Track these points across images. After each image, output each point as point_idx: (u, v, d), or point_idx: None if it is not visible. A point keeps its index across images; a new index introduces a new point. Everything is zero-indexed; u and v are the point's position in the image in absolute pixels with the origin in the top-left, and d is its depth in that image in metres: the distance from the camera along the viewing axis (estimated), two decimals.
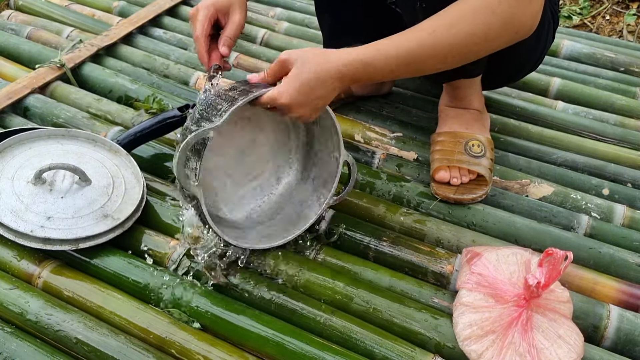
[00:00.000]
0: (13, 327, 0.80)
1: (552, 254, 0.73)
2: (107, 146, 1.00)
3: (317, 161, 0.96)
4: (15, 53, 1.33)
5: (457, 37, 0.78)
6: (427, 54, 0.79)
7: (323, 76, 0.78)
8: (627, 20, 1.98)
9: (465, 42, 0.78)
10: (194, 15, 0.91)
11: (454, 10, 0.78)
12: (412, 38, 0.79)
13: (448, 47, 0.78)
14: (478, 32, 0.78)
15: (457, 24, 0.78)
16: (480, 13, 0.77)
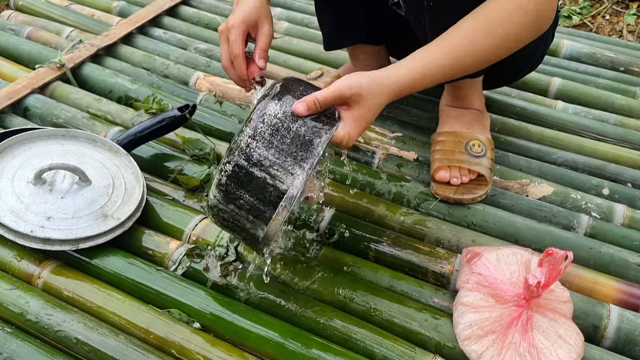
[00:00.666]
0: (13, 327, 0.80)
1: (552, 254, 0.72)
2: (107, 146, 1.00)
3: None
4: (15, 53, 1.33)
5: (495, 43, 0.78)
6: (467, 64, 0.79)
7: (380, 107, 0.78)
8: (627, 20, 1.98)
9: (501, 46, 0.79)
10: (225, 33, 0.90)
11: (487, 16, 0.78)
12: (452, 51, 0.79)
13: (485, 54, 0.79)
14: (513, 34, 0.78)
15: (492, 30, 0.78)
16: (514, 15, 0.77)
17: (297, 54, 1.44)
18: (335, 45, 1.14)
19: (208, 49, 1.42)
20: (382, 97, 0.77)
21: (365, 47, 1.15)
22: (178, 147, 1.10)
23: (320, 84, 1.18)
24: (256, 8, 0.91)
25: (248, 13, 0.90)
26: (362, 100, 0.75)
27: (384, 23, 1.11)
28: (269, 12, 0.93)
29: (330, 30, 1.12)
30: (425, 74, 0.78)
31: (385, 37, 1.15)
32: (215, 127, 1.15)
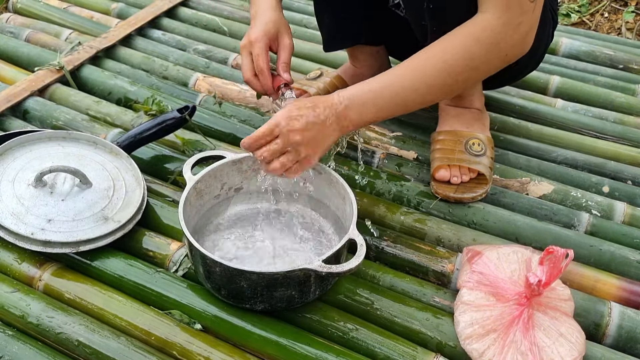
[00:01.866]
0: (14, 330, 0.80)
1: (553, 252, 0.72)
2: (108, 148, 0.99)
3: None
4: (14, 56, 1.33)
5: (443, 72, 0.80)
6: (418, 88, 0.82)
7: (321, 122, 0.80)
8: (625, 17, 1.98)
9: (451, 74, 0.80)
10: (248, 47, 0.92)
11: (440, 45, 0.81)
12: (398, 79, 0.82)
13: (435, 82, 0.81)
14: (461, 62, 0.80)
15: (441, 60, 0.80)
16: (462, 44, 0.79)
17: (296, 54, 1.43)
18: (335, 47, 1.14)
19: (207, 50, 1.42)
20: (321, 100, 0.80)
21: (365, 47, 1.15)
22: (178, 148, 1.10)
23: (320, 84, 1.18)
24: (275, 21, 0.94)
25: (268, 26, 0.93)
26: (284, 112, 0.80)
27: (384, 24, 1.11)
28: (287, 24, 0.96)
29: (329, 32, 1.12)
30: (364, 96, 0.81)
31: (384, 38, 1.15)
32: (214, 127, 1.15)
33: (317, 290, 0.81)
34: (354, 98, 0.81)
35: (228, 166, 0.90)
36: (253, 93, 1.24)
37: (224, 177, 0.91)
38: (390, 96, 0.82)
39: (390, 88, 0.82)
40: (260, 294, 0.77)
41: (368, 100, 0.82)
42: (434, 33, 0.89)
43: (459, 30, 0.80)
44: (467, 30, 0.79)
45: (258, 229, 0.92)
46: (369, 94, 0.82)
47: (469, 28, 0.79)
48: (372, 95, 0.82)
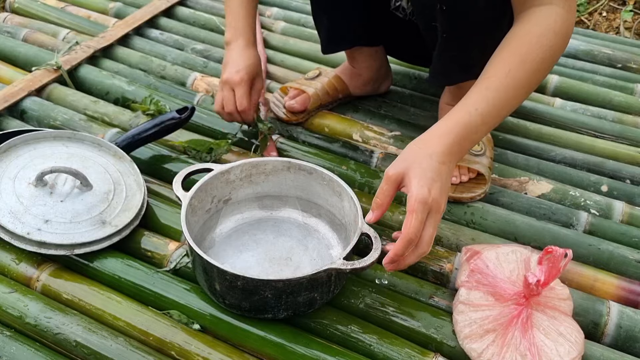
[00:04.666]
0: (12, 330, 0.79)
1: (552, 252, 0.72)
2: (112, 151, 0.99)
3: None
4: (12, 56, 1.33)
5: (532, 69, 0.77)
6: (510, 96, 0.77)
7: (437, 157, 0.74)
8: (623, 16, 1.98)
9: (538, 69, 0.78)
10: (231, 85, 1.01)
11: (518, 44, 0.77)
12: (492, 88, 0.76)
13: (526, 81, 0.77)
14: (547, 56, 0.77)
15: (527, 57, 0.76)
16: (545, 38, 0.77)
17: (294, 53, 1.44)
18: (333, 50, 1.14)
19: (205, 50, 1.42)
20: (430, 150, 0.74)
21: (363, 48, 1.15)
22: (176, 148, 1.10)
23: (318, 83, 1.18)
24: (257, 64, 1.03)
25: (251, 69, 1.02)
26: (411, 167, 0.73)
27: (382, 25, 1.11)
28: (261, 64, 1.06)
29: (327, 35, 1.11)
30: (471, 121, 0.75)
31: (383, 38, 1.15)
32: (213, 127, 1.15)
33: (336, 289, 0.80)
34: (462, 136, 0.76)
35: (217, 178, 0.89)
36: None
37: (214, 190, 0.90)
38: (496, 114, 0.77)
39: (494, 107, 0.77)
40: (285, 302, 0.76)
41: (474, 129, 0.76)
42: (445, 35, 0.88)
43: (535, 28, 0.77)
44: (544, 25, 0.77)
45: (254, 238, 0.91)
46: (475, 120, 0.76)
47: (545, 23, 0.77)
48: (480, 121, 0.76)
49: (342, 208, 0.88)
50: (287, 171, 0.92)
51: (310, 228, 0.93)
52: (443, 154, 0.74)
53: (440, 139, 0.75)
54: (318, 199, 0.92)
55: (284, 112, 1.16)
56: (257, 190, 0.93)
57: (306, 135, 1.15)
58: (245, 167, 0.91)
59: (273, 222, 0.94)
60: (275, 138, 1.11)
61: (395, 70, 1.31)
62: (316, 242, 0.91)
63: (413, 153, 0.75)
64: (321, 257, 0.89)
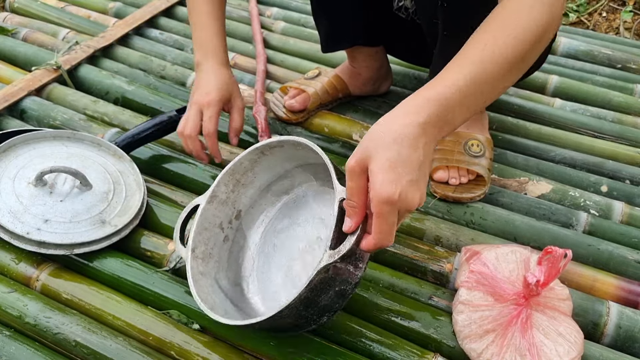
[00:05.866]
0: (12, 330, 0.79)
1: (552, 252, 0.72)
2: (112, 151, 0.99)
3: None
4: (11, 55, 1.33)
5: (508, 43, 0.65)
6: (489, 71, 0.65)
7: (406, 141, 0.60)
8: (623, 17, 1.98)
9: (515, 44, 0.65)
10: (199, 106, 0.94)
11: (504, 15, 0.67)
12: (469, 62, 0.65)
13: (512, 54, 0.65)
14: (539, 28, 0.66)
15: (503, 31, 0.66)
16: (535, 9, 0.66)
17: (294, 53, 1.44)
18: (333, 49, 1.14)
19: None
20: (394, 132, 0.60)
21: (363, 48, 1.15)
22: (175, 148, 1.10)
23: (318, 83, 1.18)
24: (229, 84, 0.97)
25: (223, 91, 0.95)
26: (373, 155, 0.59)
27: (382, 25, 1.11)
28: (237, 84, 1.01)
29: (327, 34, 1.11)
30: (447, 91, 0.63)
31: (383, 38, 1.15)
32: None
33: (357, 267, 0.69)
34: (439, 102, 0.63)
35: (207, 210, 0.81)
36: (250, 92, 1.24)
37: (215, 219, 0.83)
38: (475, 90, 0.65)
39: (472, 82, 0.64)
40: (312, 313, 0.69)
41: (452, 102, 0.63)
42: (446, 33, 0.88)
43: (514, 2, 0.66)
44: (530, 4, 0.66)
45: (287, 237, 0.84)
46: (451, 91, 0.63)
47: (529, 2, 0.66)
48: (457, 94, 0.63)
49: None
50: (264, 155, 0.82)
51: (328, 190, 0.82)
52: (414, 137, 0.60)
53: (409, 117, 0.60)
54: (312, 160, 0.79)
55: (284, 112, 1.16)
56: (258, 185, 0.86)
57: (306, 135, 1.15)
58: (226, 179, 0.83)
59: (293, 202, 0.86)
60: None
61: (395, 70, 1.31)
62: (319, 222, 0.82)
63: (376, 138, 0.60)
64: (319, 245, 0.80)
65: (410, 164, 0.59)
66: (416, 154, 0.60)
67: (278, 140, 0.78)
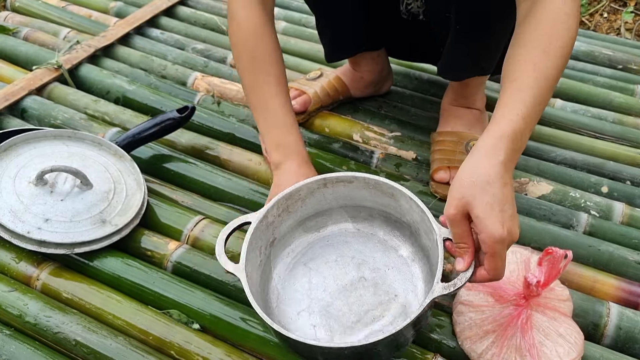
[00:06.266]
0: (12, 329, 0.80)
1: (552, 253, 0.72)
2: (112, 150, 0.99)
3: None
4: (12, 55, 1.33)
5: (556, 57, 0.70)
6: (543, 90, 0.69)
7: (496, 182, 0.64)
8: (624, 17, 1.98)
9: (562, 55, 0.71)
10: None
11: (535, 35, 0.71)
12: (523, 88, 0.69)
13: (554, 70, 0.70)
14: (566, 39, 0.71)
15: (548, 47, 0.70)
16: (559, 22, 0.71)
17: (295, 53, 1.44)
18: (337, 58, 1.14)
19: (205, 49, 1.42)
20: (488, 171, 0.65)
21: (366, 53, 1.14)
22: (176, 147, 1.10)
23: (319, 84, 1.18)
24: None
25: None
26: (471, 200, 0.64)
27: (384, 29, 1.11)
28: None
29: (331, 44, 1.11)
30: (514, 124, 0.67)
31: (385, 41, 1.15)
32: (213, 127, 1.15)
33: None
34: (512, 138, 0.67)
35: (258, 229, 0.78)
36: None
37: (258, 242, 0.79)
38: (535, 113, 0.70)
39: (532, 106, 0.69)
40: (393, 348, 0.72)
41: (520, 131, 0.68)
42: (459, 27, 0.88)
43: (547, 15, 0.70)
44: (555, 10, 0.70)
45: (315, 268, 0.82)
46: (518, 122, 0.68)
47: (554, 7, 0.71)
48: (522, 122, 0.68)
49: (398, 207, 0.79)
50: (324, 188, 0.81)
51: (366, 233, 0.84)
52: (501, 176, 0.64)
53: (490, 160, 0.65)
54: (366, 202, 0.82)
55: None
56: (297, 217, 0.83)
57: (306, 135, 1.15)
58: (281, 203, 0.80)
59: (325, 241, 0.85)
60: None
61: (396, 70, 1.31)
62: (380, 247, 0.83)
63: (468, 187, 0.65)
64: (394, 263, 0.81)
65: (506, 201, 0.64)
66: (507, 190, 0.64)
67: (350, 175, 0.79)
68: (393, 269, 0.81)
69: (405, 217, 0.80)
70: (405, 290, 0.79)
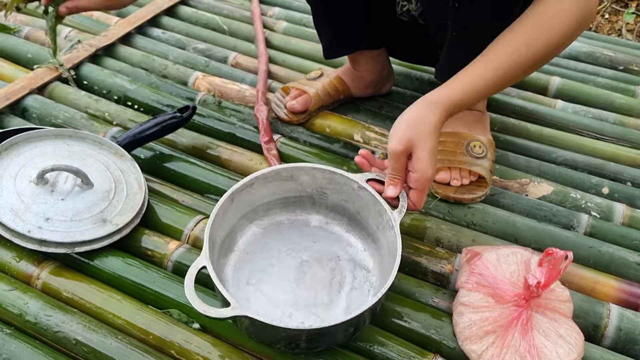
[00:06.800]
0: (12, 328, 0.80)
1: (552, 254, 0.72)
2: (113, 150, 0.99)
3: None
4: (14, 54, 1.33)
5: (537, 52, 0.77)
6: (508, 77, 0.79)
7: (436, 131, 0.78)
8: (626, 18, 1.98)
9: (545, 52, 0.78)
10: None
11: (528, 24, 0.77)
12: (496, 65, 0.78)
13: (528, 64, 0.79)
14: (557, 39, 0.77)
15: (535, 40, 0.77)
16: (558, 21, 0.76)
17: (296, 53, 1.44)
18: (336, 55, 1.14)
19: (207, 49, 1.42)
20: (431, 122, 0.77)
21: (365, 52, 1.14)
22: (177, 147, 1.10)
23: (320, 84, 1.18)
24: None
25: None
26: (416, 143, 0.77)
27: (384, 28, 1.11)
28: None
29: (329, 41, 1.11)
30: (472, 87, 0.78)
31: (385, 41, 1.15)
32: (214, 127, 1.15)
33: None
34: (451, 106, 0.80)
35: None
36: (252, 92, 1.24)
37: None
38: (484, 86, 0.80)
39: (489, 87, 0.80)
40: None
41: (464, 100, 0.80)
42: (455, 33, 0.88)
43: (549, 8, 0.76)
44: (560, 8, 0.75)
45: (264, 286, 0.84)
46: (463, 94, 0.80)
47: (560, 5, 0.75)
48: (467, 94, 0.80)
49: (301, 185, 0.87)
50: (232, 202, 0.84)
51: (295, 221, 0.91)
52: (438, 130, 0.78)
53: (432, 117, 0.78)
54: (275, 195, 0.89)
55: (285, 113, 1.16)
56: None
57: (307, 135, 1.15)
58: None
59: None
60: (277, 138, 1.11)
61: (396, 71, 1.31)
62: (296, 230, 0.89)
63: (416, 133, 0.77)
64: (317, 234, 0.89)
65: (436, 151, 0.78)
66: (437, 143, 0.79)
67: (251, 178, 0.84)
68: (320, 239, 0.88)
69: (311, 188, 0.87)
70: (341, 248, 0.87)
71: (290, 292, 0.82)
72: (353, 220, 0.89)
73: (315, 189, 0.88)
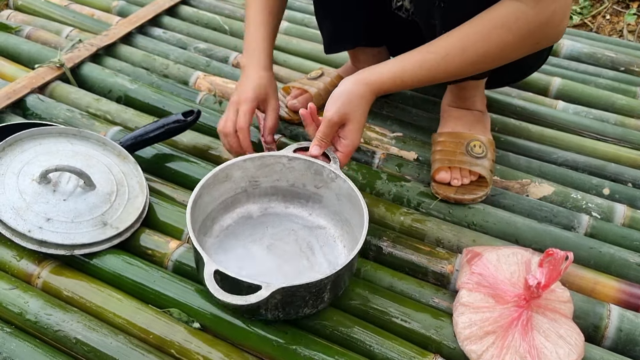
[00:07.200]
0: (12, 327, 0.80)
1: (553, 255, 0.72)
2: (117, 151, 0.99)
3: None
4: (15, 53, 1.33)
5: (470, 59, 0.80)
6: (441, 76, 0.84)
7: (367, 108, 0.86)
8: (627, 19, 1.98)
9: (478, 61, 0.80)
10: (236, 105, 0.98)
11: (469, 31, 0.79)
12: (427, 62, 0.82)
13: (460, 68, 0.81)
14: (493, 51, 0.79)
15: (470, 47, 0.79)
16: (495, 34, 0.77)
17: (297, 53, 1.44)
18: (336, 49, 1.14)
19: (208, 49, 1.42)
20: (365, 100, 0.85)
21: (366, 49, 1.15)
22: (178, 147, 1.10)
23: (320, 83, 1.18)
24: (266, 85, 1.00)
25: (259, 90, 0.99)
26: (351, 117, 0.85)
27: (384, 26, 1.11)
28: (276, 85, 1.03)
29: (330, 35, 1.11)
30: (401, 78, 0.84)
31: (385, 39, 1.15)
32: (214, 126, 1.15)
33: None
34: (380, 86, 0.86)
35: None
36: None
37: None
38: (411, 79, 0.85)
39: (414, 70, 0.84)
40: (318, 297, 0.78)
41: (393, 85, 0.86)
42: (443, 30, 0.88)
43: (491, 19, 0.77)
44: (499, 19, 0.77)
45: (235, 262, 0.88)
46: (392, 80, 0.85)
47: (500, 16, 0.76)
48: (396, 81, 0.85)
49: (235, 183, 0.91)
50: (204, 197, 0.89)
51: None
52: (369, 106, 0.87)
53: (368, 93, 0.85)
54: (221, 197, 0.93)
55: (286, 112, 1.16)
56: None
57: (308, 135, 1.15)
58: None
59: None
60: (277, 138, 1.11)
61: None
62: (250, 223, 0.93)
63: (350, 108, 0.85)
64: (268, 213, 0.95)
65: (364, 124, 0.88)
66: (366, 117, 0.88)
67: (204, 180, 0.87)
68: (269, 224, 0.93)
69: (243, 182, 0.91)
70: (291, 221, 0.93)
71: (275, 271, 0.86)
72: (288, 194, 0.94)
73: (247, 181, 0.92)
